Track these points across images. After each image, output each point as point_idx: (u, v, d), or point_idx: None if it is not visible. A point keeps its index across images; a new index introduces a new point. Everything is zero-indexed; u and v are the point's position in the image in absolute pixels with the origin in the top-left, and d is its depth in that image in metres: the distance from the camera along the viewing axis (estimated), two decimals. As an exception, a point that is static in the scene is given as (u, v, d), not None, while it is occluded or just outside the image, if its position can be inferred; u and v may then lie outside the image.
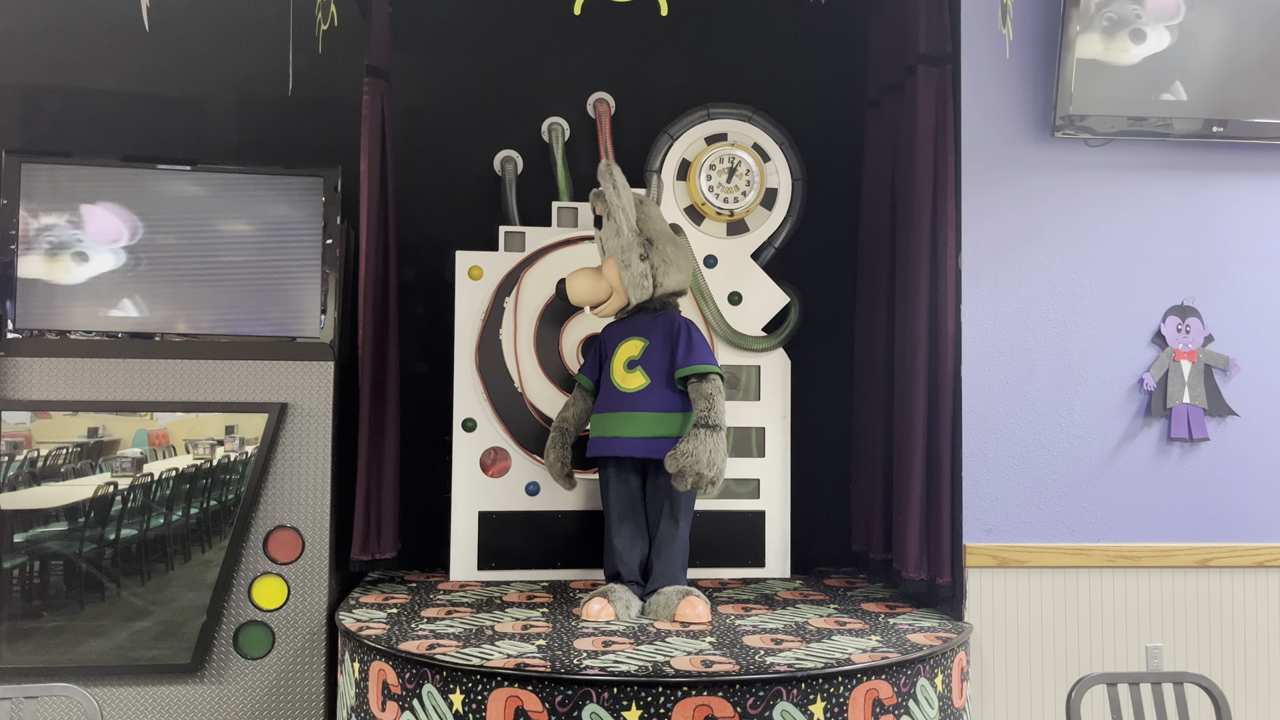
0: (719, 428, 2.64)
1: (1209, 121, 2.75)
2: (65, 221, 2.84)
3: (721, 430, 2.64)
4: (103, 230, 2.86)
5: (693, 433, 2.62)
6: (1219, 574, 2.75)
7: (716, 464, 2.60)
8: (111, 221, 2.86)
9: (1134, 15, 2.68)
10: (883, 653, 2.28)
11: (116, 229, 2.86)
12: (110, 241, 2.86)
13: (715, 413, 2.65)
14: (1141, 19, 2.69)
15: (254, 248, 2.92)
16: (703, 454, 2.58)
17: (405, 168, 3.26)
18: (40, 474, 2.79)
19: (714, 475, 2.60)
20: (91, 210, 2.86)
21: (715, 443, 2.61)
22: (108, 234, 2.86)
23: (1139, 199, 2.81)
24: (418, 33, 3.38)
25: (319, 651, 2.84)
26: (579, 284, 2.89)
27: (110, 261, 2.86)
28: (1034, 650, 2.70)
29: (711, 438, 2.61)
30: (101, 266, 2.86)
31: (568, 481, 2.98)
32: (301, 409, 2.89)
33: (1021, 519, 2.73)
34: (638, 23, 3.16)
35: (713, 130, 3.30)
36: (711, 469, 2.59)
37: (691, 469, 2.58)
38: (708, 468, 2.59)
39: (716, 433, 2.63)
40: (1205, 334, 2.80)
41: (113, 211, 2.86)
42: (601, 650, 2.30)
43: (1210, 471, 2.78)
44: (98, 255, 2.86)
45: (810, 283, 3.36)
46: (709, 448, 2.59)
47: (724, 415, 2.67)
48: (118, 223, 2.86)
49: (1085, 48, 2.67)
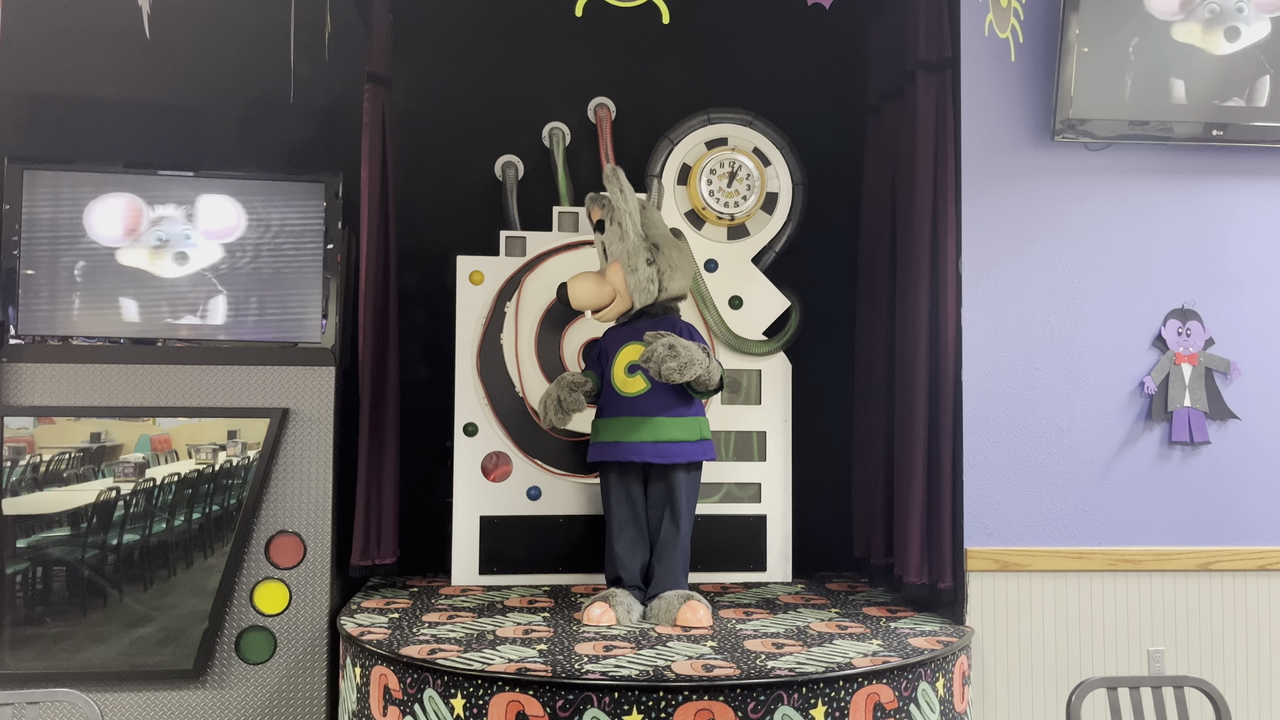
0: (708, 359, 2.66)
1: (1209, 125, 2.76)
2: (67, 227, 2.85)
3: (709, 359, 2.67)
4: (104, 235, 2.87)
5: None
6: (1220, 577, 2.75)
7: (690, 348, 2.60)
8: (112, 225, 2.88)
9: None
10: (884, 657, 2.28)
11: (118, 230, 2.88)
12: (112, 246, 2.88)
13: (709, 356, 2.68)
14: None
15: (255, 253, 2.93)
16: (680, 349, 2.59)
17: (406, 173, 3.27)
18: (43, 479, 2.79)
19: (683, 354, 2.59)
20: (92, 215, 2.87)
21: (696, 351, 2.62)
22: (109, 239, 2.88)
23: (1139, 203, 2.81)
24: (419, 39, 3.39)
25: (320, 656, 2.84)
26: (582, 288, 2.88)
27: (113, 267, 2.87)
28: (1035, 654, 2.70)
29: (698, 350, 2.63)
30: (104, 272, 2.87)
31: (562, 415, 2.86)
32: (303, 414, 2.90)
33: (1023, 523, 2.73)
34: (638, 28, 3.16)
35: (713, 135, 3.31)
36: (686, 351, 2.59)
37: (657, 350, 2.59)
38: (684, 349, 2.59)
39: (704, 351, 2.66)
40: (1206, 337, 2.80)
41: (113, 214, 2.87)
42: (603, 655, 2.30)
43: (1211, 475, 2.78)
44: (100, 261, 2.87)
45: (811, 287, 3.36)
46: (686, 345, 2.62)
47: (714, 369, 2.70)
48: (119, 226, 2.87)
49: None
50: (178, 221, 2.89)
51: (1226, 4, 2.72)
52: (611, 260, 2.84)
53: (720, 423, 3.16)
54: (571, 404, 2.82)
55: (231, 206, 2.92)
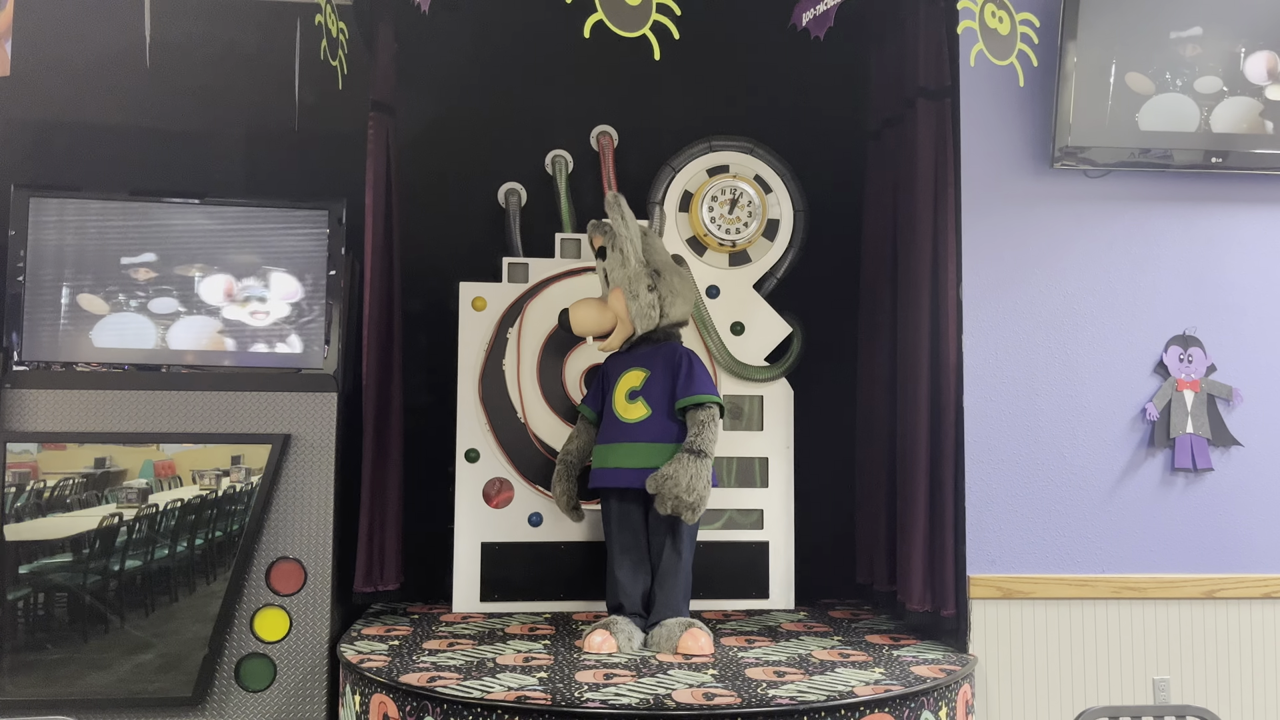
0: (704, 454, 2.64)
1: (1209, 153, 2.77)
2: (73, 253, 2.87)
3: (706, 458, 2.65)
4: (109, 263, 2.89)
5: (677, 457, 2.63)
6: (1225, 605, 2.73)
7: (696, 489, 2.60)
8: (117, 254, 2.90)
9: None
10: (886, 685, 2.27)
11: (122, 261, 2.90)
12: (117, 274, 2.90)
13: (703, 439, 2.66)
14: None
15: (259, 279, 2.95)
16: (683, 478, 2.59)
17: (410, 200, 3.29)
18: (46, 505, 2.79)
19: (694, 501, 2.60)
20: (97, 244, 2.89)
21: (698, 469, 2.61)
22: (114, 267, 2.90)
23: (1139, 229, 2.81)
24: (423, 68, 3.42)
25: (320, 684, 2.83)
26: (584, 315, 2.89)
27: (118, 294, 2.89)
28: (1039, 682, 2.68)
29: (694, 463, 2.62)
30: (108, 299, 2.89)
31: (575, 514, 2.99)
32: (305, 440, 2.90)
33: (1025, 550, 2.72)
34: (640, 57, 3.17)
35: (715, 162, 3.32)
36: (691, 494, 2.59)
37: (671, 492, 2.59)
38: (687, 492, 2.59)
39: (700, 459, 2.63)
40: (1208, 364, 2.80)
41: (117, 244, 2.90)
42: (603, 683, 2.28)
43: (1215, 502, 2.77)
44: (105, 288, 2.89)
45: (812, 313, 3.37)
46: (690, 473, 2.60)
47: (712, 443, 2.68)
48: (123, 255, 2.90)
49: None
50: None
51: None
52: (613, 287, 2.85)
53: (722, 449, 3.14)
54: (575, 491, 2.97)
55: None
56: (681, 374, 2.76)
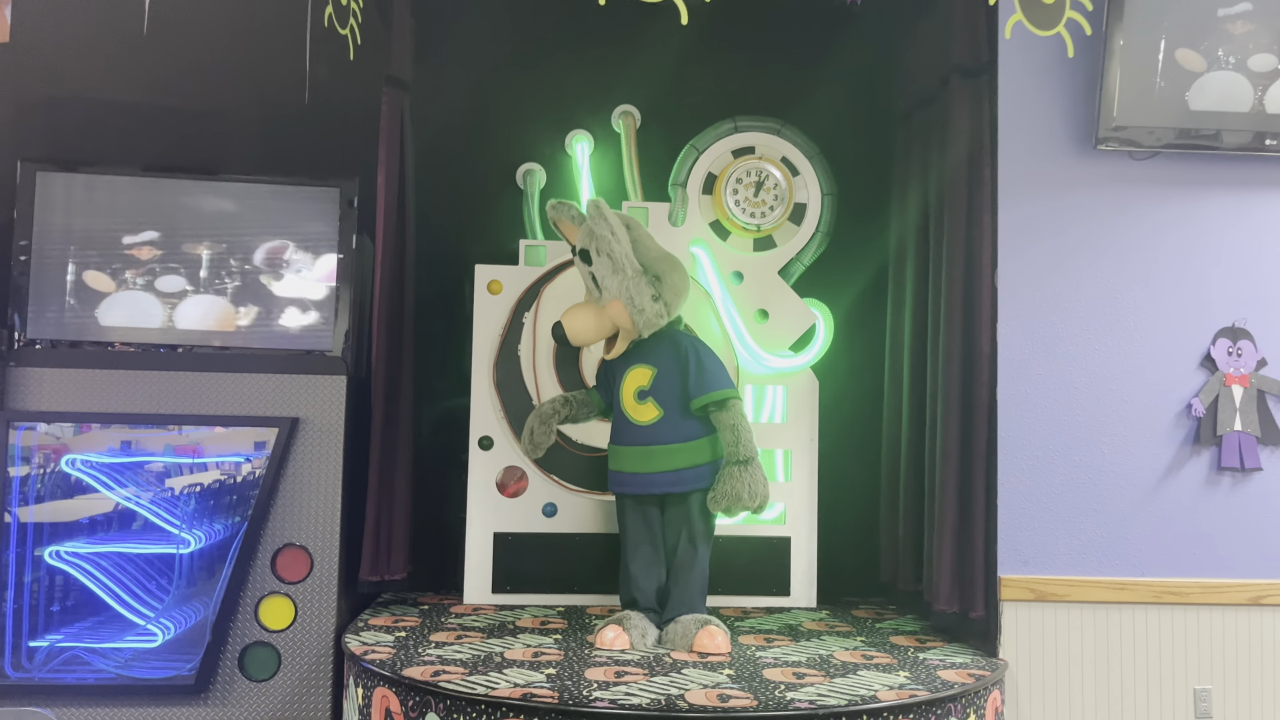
0: (749, 461, 2.57)
1: (1262, 134, 2.63)
2: (81, 230, 2.81)
3: (753, 460, 2.58)
4: (114, 240, 2.84)
5: (726, 472, 2.56)
6: (1273, 612, 2.62)
7: (759, 493, 2.56)
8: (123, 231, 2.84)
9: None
10: (911, 690, 2.17)
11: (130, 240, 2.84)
12: (123, 253, 2.84)
13: (742, 445, 2.58)
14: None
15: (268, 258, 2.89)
16: (742, 490, 2.54)
17: (426, 179, 3.21)
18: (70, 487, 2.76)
19: (759, 503, 2.57)
20: (106, 220, 2.83)
21: (751, 475, 2.55)
22: (119, 244, 2.84)
23: (1187, 215, 2.70)
24: (441, 44, 3.33)
25: (326, 675, 2.76)
26: (581, 325, 2.73)
27: (123, 272, 2.83)
28: (1072, 690, 2.58)
29: (745, 472, 2.55)
30: (113, 277, 2.83)
31: (534, 450, 2.89)
32: (313, 424, 2.82)
33: (1060, 550, 2.62)
34: (663, 34, 3.09)
35: (740, 143, 3.21)
36: (755, 500, 2.55)
37: (735, 506, 2.55)
38: (750, 499, 2.55)
39: (749, 466, 2.56)
40: (1258, 358, 2.66)
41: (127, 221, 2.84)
42: (613, 681, 2.20)
43: (1263, 503, 2.65)
44: (110, 266, 2.83)
45: (840, 301, 3.26)
46: (746, 483, 2.54)
47: (751, 444, 2.60)
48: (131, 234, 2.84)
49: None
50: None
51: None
52: (610, 299, 2.71)
53: (744, 440, 3.05)
54: (542, 436, 2.85)
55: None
56: (691, 370, 2.64)
